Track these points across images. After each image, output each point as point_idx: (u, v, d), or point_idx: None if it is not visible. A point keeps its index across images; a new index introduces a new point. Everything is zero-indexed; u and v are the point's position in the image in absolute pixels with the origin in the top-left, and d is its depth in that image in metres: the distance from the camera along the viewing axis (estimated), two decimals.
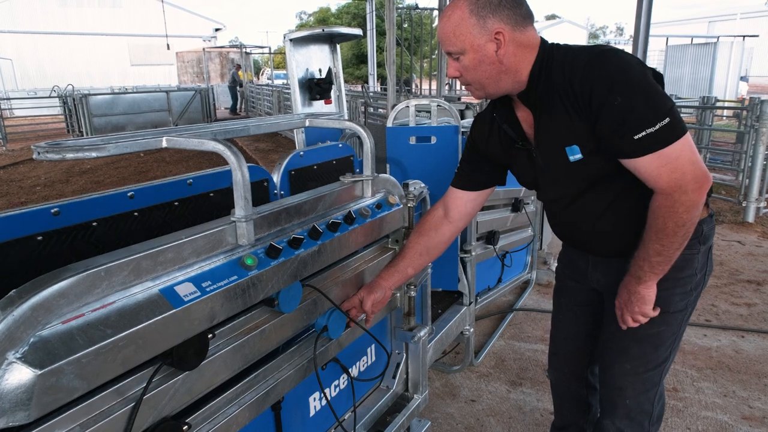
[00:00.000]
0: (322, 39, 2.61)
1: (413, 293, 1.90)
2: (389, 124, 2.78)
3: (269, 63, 28.40)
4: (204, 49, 25.41)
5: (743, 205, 5.91)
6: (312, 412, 1.62)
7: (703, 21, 35.40)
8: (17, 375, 0.80)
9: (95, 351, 0.88)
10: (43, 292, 0.86)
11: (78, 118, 13.53)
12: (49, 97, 15.22)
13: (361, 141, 1.66)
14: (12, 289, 0.86)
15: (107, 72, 29.99)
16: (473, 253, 2.82)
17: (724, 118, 11.70)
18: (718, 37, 19.74)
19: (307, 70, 2.56)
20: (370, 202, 1.67)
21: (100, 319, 0.91)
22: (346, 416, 1.75)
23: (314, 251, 1.38)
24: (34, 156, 1.13)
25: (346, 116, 2.89)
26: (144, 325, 0.96)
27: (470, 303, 2.85)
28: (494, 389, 2.85)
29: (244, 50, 22.48)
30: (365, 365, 1.87)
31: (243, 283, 1.16)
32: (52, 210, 1.27)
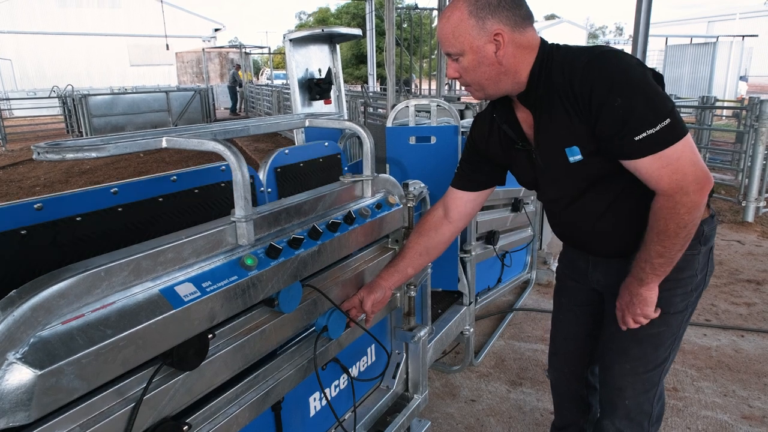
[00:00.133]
0: (322, 39, 2.61)
1: (413, 293, 1.90)
2: (389, 124, 2.77)
3: (269, 63, 28.41)
4: (203, 49, 25.40)
5: (743, 204, 5.92)
6: (312, 412, 1.62)
7: (702, 21, 35.40)
8: (17, 375, 0.80)
9: (95, 351, 0.88)
10: (43, 292, 0.86)
11: (77, 119, 13.52)
12: (49, 97, 15.21)
13: (360, 141, 1.66)
14: None
15: (107, 72, 29.98)
16: (473, 253, 2.82)
17: (723, 118, 11.69)
18: (718, 37, 19.75)
19: (306, 70, 2.56)
20: (369, 202, 1.67)
21: (100, 320, 0.91)
22: (347, 416, 1.75)
23: (314, 251, 1.38)
24: (34, 156, 1.13)
25: (345, 116, 2.89)
26: (144, 325, 0.96)
27: (470, 303, 2.85)
28: (494, 389, 2.85)
29: (243, 50, 22.49)
30: (365, 365, 1.87)
31: (243, 283, 1.16)
32: (35, 205, 1.26)
